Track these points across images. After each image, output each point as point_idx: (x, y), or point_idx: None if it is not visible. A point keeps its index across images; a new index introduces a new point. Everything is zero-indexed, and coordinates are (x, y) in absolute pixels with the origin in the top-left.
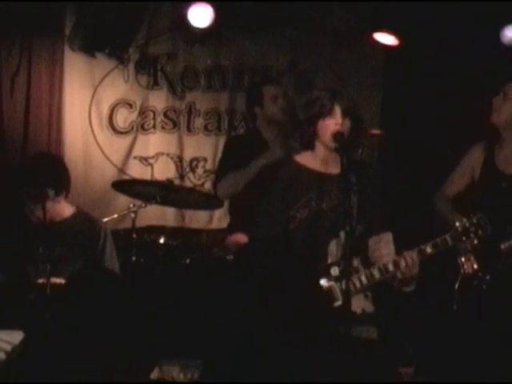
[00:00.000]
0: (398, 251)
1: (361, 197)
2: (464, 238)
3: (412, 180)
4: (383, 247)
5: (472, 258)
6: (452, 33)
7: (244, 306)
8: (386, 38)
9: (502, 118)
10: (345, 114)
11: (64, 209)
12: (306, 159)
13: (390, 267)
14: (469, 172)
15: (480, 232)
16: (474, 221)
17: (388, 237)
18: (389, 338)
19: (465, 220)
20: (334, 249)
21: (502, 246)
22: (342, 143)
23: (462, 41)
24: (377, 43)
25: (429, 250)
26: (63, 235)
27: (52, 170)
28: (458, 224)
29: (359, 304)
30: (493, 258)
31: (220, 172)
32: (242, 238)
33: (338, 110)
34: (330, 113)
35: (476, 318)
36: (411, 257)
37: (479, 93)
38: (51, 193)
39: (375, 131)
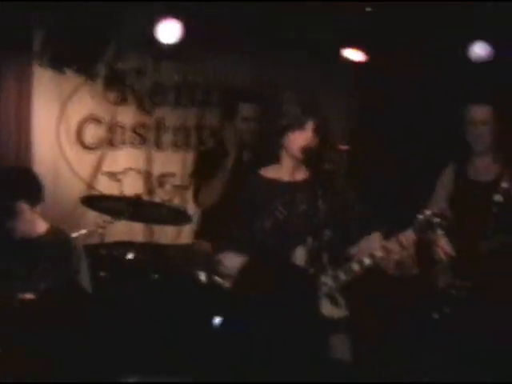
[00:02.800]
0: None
1: (330, 203)
2: (428, 231)
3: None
4: (378, 242)
5: (446, 242)
6: (422, 49)
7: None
8: (355, 55)
9: (473, 136)
10: (315, 130)
11: (39, 225)
12: (270, 172)
13: (378, 253)
14: (443, 192)
15: (444, 223)
16: (437, 212)
17: (378, 237)
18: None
19: (427, 212)
20: (300, 254)
21: (481, 249)
22: (311, 157)
23: (432, 57)
24: (346, 59)
25: (410, 236)
26: (39, 251)
27: (25, 182)
28: (421, 217)
29: (328, 310)
30: (472, 262)
31: (195, 182)
32: (208, 246)
33: (309, 125)
34: (301, 126)
35: (457, 326)
36: (406, 238)
37: (448, 108)
38: (25, 206)
39: (342, 146)
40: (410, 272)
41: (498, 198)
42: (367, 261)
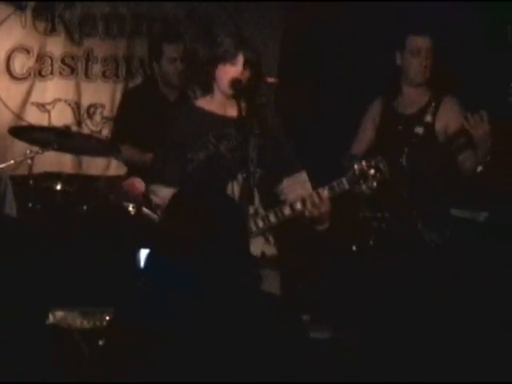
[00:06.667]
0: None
1: (262, 140)
2: (362, 181)
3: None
4: (299, 187)
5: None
6: None
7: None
8: None
9: (412, 72)
10: (246, 65)
11: None
12: (203, 102)
13: (298, 206)
14: (371, 125)
15: (378, 175)
16: (372, 163)
17: (303, 176)
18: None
19: (363, 163)
20: (231, 191)
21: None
22: (240, 90)
23: None
24: None
25: (326, 193)
26: None
27: None
28: (356, 167)
29: (258, 247)
30: (394, 199)
31: (120, 129)
32: (138, 182)
33: (240, 59)
34: (232, 60)
35: (378, 257)
36: (320, 195)
37: (378, 45)
38: None
39: (270, 79)
40: (323, 226)
41: (418, 129)
42: (287, 211)
